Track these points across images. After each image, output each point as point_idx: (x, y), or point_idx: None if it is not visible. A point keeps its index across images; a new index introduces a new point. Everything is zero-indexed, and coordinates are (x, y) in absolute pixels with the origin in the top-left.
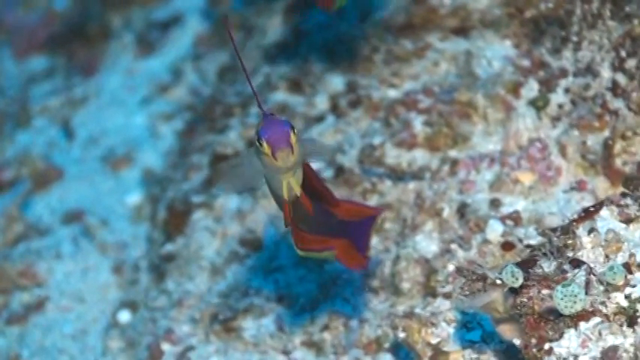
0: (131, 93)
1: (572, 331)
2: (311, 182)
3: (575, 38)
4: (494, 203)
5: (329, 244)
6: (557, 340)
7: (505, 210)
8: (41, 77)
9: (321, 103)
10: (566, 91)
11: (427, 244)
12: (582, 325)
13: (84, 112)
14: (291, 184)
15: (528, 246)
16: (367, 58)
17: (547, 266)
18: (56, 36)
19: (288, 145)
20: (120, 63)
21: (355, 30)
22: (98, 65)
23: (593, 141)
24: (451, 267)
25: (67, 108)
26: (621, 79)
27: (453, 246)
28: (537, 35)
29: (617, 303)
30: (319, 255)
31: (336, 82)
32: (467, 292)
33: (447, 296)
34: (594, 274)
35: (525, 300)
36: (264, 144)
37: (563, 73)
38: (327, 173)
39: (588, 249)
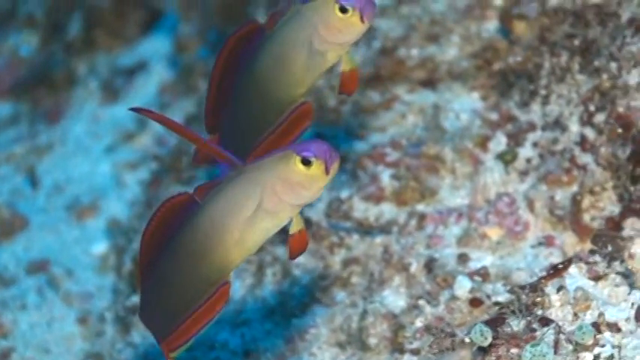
0: (96, 140)
1: None
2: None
3: (543, 92)
4: (462, 258)
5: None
6: None
7: (473, 265)
8: (6, 124)
9: None
10: (535, 145)
11: (395, 299)
12: None
13: (49, 159)
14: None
15: (497, 303)
16: (334, 110)
17: (516, 325)
18: (21, 82)
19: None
20: (85, 110)
21: (322, 81)
22: (63, 112)
23: (562, 196)
24: (419, 323)
25: (32, 155)
26: (590, 133)
27: (421, 302)
28: (505, 88)
29: None
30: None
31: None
32: (435, 351)
33: (415, 352)
34: (563, 333)
35: (494, 359)
36: (315, 162)
37: (532, 126)
38: None
39: (557, 307)
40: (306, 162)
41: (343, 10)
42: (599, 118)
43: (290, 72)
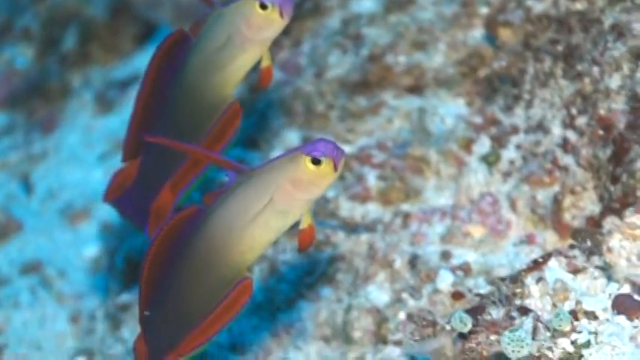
0: (89, 149)
1: None
2: None
3: (527, 96)
4: (445, 255)
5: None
6: None
7: (455, 261)
8: (1, 133)
9: None
10: (518, 147)
11: (379, 294)
12: None
13: (43, 167)
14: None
15: (478, 295)
16: (323, 115)
17: (496, 313)
18: (16, 93)
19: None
20: (79, 120)
21: (311, 87)
22: (57, 122)
23: (543, 196)
24: (402, 315)
25: (26, 163)
26: (572, 135)
27: (404, 295)
28: (490, 93)
29: (563, 348)
30: None
31: (292, 137)
32: (417, 338)
33: (398, 343)
34: (541, 321)
35: (474, 345)
36: (324, 160)
37: (515, 129)
38: None
39: (536, 297)
40: (316, 161)
41: (263, 6)
42: (581, 120)
43: (218, 72)
